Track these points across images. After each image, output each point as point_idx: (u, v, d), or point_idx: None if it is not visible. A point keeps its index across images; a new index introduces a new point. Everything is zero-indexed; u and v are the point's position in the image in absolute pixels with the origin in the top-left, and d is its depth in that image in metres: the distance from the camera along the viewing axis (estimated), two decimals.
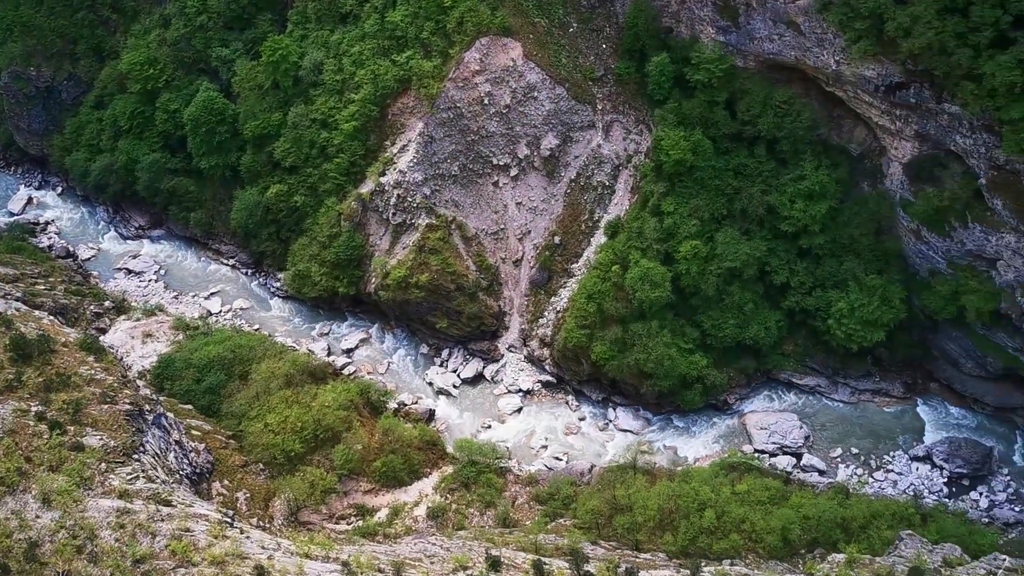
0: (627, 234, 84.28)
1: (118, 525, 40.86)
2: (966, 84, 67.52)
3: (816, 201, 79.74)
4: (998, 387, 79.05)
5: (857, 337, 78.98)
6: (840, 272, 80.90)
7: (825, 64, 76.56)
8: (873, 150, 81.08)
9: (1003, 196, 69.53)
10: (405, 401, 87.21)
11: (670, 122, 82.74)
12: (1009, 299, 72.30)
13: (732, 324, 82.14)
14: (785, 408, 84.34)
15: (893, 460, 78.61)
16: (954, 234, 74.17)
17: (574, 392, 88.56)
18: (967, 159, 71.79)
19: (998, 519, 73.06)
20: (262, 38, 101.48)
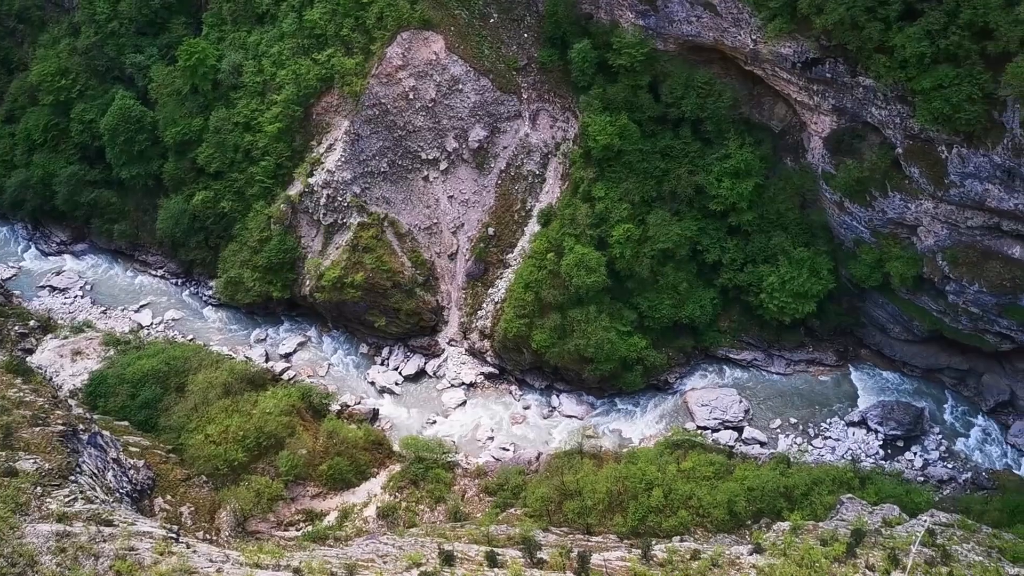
0: (560, 221, 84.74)
1: (59, 549, 39.69)
2: (878, 57, 69.37)
3: (742, 179, 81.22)
4: (925, 349, 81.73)
5: (789, 310, 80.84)
6: (769, 247, 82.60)
7: (743, 44, 77.90)
8: (794, 126, 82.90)
9: (919, 164, 71.67)
10: (348, 402, 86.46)
11: (595, 108, 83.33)
12: (930, 263, 74.67)
13: (668, 304, 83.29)
14: (724, 384, 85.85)
15: (830, 427, 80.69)
16: (875, 203, 76.24)
17: (517, 382, 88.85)
18: (883, 130, 73.82)
19: (932, 477, 75.59)
20: (177, 42, 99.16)
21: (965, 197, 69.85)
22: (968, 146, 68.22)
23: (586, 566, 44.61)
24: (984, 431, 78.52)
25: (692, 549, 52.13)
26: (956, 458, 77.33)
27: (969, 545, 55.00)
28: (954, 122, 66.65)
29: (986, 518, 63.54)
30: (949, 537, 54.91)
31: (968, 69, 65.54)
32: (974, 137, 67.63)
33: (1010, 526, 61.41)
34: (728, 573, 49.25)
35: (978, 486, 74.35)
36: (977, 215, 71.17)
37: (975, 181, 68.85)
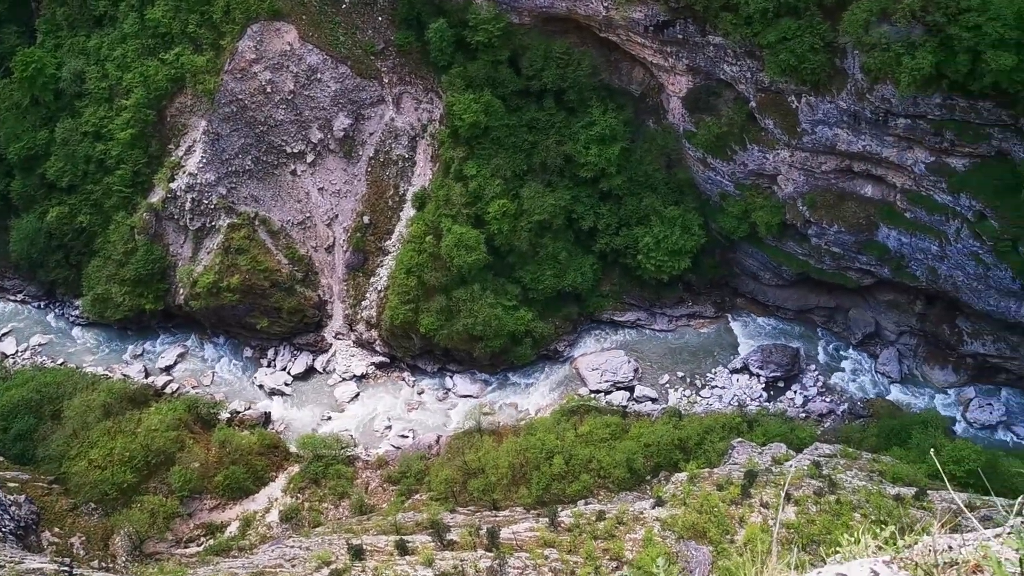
0: (435, 203, 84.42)
1: None
2: (725, 15, 71.70)
3: (608, 144, 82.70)
4: (795, 292, 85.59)
5: (666, 268, 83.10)
6: (641, 209, 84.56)
7: (595, 12, 79.05)
8: (653, 88, 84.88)
9: (772, 115, 74.66)
10: (238, 409, 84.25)
11: (458, 87, 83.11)
12: (792, 210, 78.09)
13: (550, 275, 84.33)
14: (612, 346, 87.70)
15: (715, 376, 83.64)
16: (736, 157, 79.05)
17: (409, 368, 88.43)
18: (736, 86, 76.47)
19: (813, 412, 79.48)
20: (11, 53, 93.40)
21: (817, 143, 73.22)
22: (815, 94, 71.41)
23: (496, 541, 45.03)
24: (855, 363, 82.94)
25: (597, 510, 53.32)
26: (833, 392, 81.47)
27: (852, 472, 58.24)
28: (800, 72, 69.62)
29: (865, 444, 67.40)
30: (833, 467, 57.98)
31: (808, 21, 68.52)
32: (820, 85, 70.83)
33: (887, 449, 65.26)
34: (634, 529, 50.65)
35: (855, 415, 78.60)
36: (830, 159, 74.74)
37: (825, 127, 72.20)
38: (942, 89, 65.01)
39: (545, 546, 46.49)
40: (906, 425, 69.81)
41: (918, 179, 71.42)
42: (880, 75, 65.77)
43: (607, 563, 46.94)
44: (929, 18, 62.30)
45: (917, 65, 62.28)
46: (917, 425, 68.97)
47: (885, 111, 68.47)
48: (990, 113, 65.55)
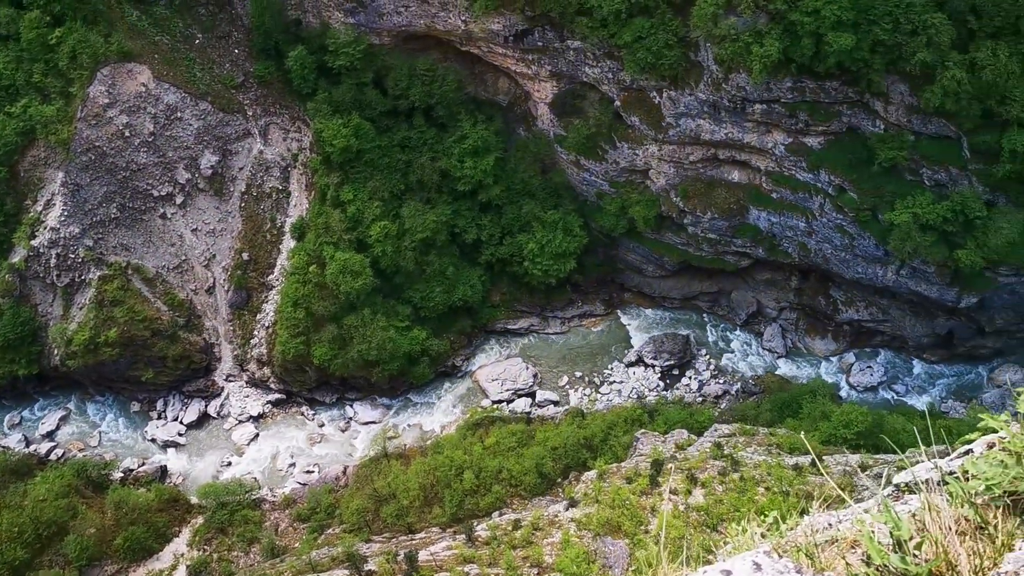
0: (315, 232, 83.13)
1: None
2: (581, 19, 73.32)
3: (482, 156, 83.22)
4: (679, 281, 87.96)
5: (553, 271, 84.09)
6: (522, 216, 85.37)
7: (454, 26, 79.56)
8: (519, 97, 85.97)
9: (637, 113, 76.70)
10: (131, 466, 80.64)
11: (325, 113, 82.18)
12: (667, 202, 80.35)
13: (439, 291, 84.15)
14: (509, 355, 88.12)
15: (613, 372, 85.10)
16: (607, 156, 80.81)
17: (307, 402, 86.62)
18: (600, 87, 78.26)
19: (709, 395, 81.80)
20: None
21: (682, 135, 75.61)
22: (675, 89, 73.78)
23: (415, 565, 44.63)
24: (743, 343, 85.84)
25: (513, 520, 53.51)
26: (725, 373, 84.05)
27: (752, 448, 60.14)
28: (659, 69, 71.78)
29: (760, 420, 69.70)
30: (734, 445, 59.74)
31: (660, 18, 70.78)
32: (679, 79, 73.25)
33: (781, 422, 67.67)
34: (550, 533, 51.02)
35: (748, 393, 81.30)
36: (696, 150, 77.29)
37: (688, 119, 74.65)
38: (792, 73, 68.20)
39: (465, 562, 46.36)
40: (796, 397, 72.58)
41: (779, 161, 74.58)
42: (733, 65, 68.49)
43: (528, 570, 47.13)
44: (772, 6, 65.30)
45: (766, 52, 65.12)
46: (806, 395, 71.81)
47: (742, 99, 71.29)
48: (837, 92, 69.11)
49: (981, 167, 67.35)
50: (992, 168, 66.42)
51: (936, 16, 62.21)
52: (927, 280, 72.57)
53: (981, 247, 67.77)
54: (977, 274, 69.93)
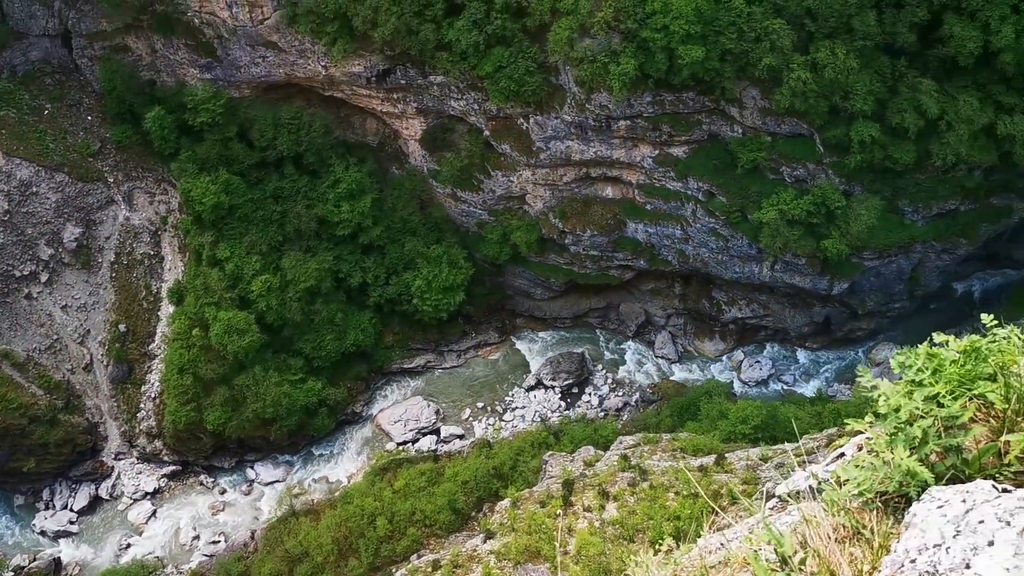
0: (194, 294, 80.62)
1: None
2: (441, 54, 73.88)
3: (358, 199, 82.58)
4: (567, 301, 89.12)
5: (443, 306, 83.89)
6: (406, 254, 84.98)
7: (315, 72, 78.99)
8: (389, 136, 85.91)
9: (507, 140, 77.70)
10: (21, 564, 75.83)
11: (191, 171, 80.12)
12: (546, 224, 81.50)
13: (330, 339, 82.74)
14: (409, 395, 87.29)
15: (514, 398, 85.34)
16: (483, 186, 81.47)
17: (205, 469, 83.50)
18: (468, 119, 78.96)
19: (610, 409, 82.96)
20: None
21: (553, 158, 76.96)
22: (541, 113, 75.11)
23: None
24: (637, 353, 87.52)
25: (431, 560, 52.80)
26: (623, 385, 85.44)
27: (657, 455, 61.18)
28: (522, 95, 72.95)
29: (662, 427, 71.03)
30: (640, 455, 60.67)
31: (518, 47, 72.02)
32: (543, 104, 74.61)
33: (682, 426, 69.14)
34: (471, 568, 50.52)
35: (647, 402, 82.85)
36: (568, 170, 78.77)
37: (557, 142, 76.05)
38: (650, 88, 70.43)
39: None
40: (693, 399, 74.39)
41: (649, 173, 76.76)
42: (593, 85, 70.23)
43: None
44: (623, 26, 67.38)
45: (623, 70, 67.06)
46: (702, 397, 73.68)
47: (606, 117, 73.15)
48: (695, 102, 71.74)
49: (835, 160, 70.93)
50: (845, 160, 70.03)
51: (776, 22, 65.44)
52: (800, 272, 75.78)
53: (845, 235, 71.21)
54: (844, 261, 73.42)
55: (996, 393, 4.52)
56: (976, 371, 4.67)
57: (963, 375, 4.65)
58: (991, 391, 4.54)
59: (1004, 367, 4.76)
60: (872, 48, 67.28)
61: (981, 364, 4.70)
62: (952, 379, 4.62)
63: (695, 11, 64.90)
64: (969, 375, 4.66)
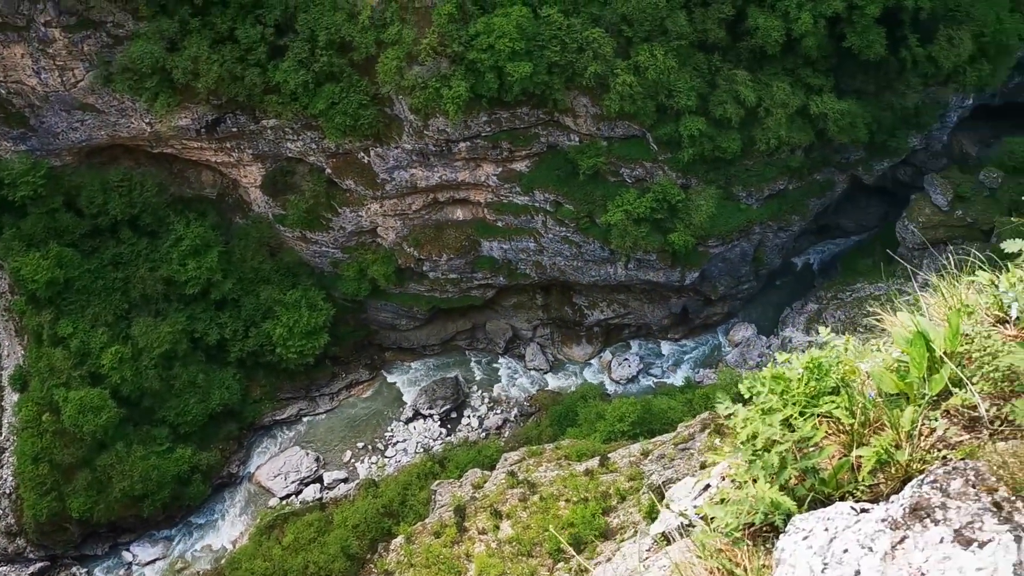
0: (39, 378, 75.76)
1: None
2: (270, 98, 72.56)
3: (204, 254, 79.76)
4: (434, 327, 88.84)
5: (307, 351, 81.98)
6: (262, 303, 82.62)
7: (140, 130, 75.99)
8: (228, 186, 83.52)
9: (350, 176, 77.03)
10: None
11: (18, 249, 75.42)
12: (402, 254, 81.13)
13: (195, 402, 79.45)
14: (286, 446, 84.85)
15: (394, 432, 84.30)
16: (332, 224, 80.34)
17: (76, 560, 78.42)
18: (307, 159, 77.80)
19: (491, 428, 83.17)
20: None
21: (400, 188, 76.79)
22: (381, 145, 74.88)
23: None
24: (509, 369, 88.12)
25: None
26: (500, 402, 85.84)
27: (543, 467, 61.75)
28: (359, 129, 72.55)
29: (544, 437, 71.84)
30: (526, 469, 61.10)
31: (348, 81, 71.65)
32: (382, 136, 74.42)
33: (563, 433, 70.11)
34: None
35: (526, 415, 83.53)
36: (416, 198, 78.76)
37: (400, 171, 75.94)
38: (484, 108, 71.39)
39: None
40: (570, 406, 75.59)
41: (496, 191, 77.72)
42: (429, 111, 70.56)
43: None
44: (449, 50, 68.13)
45: (455, 94, 67.74)
46: (578, 402, 74.99)
47: (445, 141, 73.61)
48: (530, 116, 73.23)
49: (669, 156, 73.83)
50: (678, 155, 73.01)
51: (595, 32, 67.68)
52: (652, 267, 78.33)
53: (688, 226, 74.20)
54: (692, 251, 76.42)
55: (841, 408, 4.80)
56: (821, 387, 4.95)
57: (809, 393, 4.92)
58: (836, 407, 4.82)
59: (845, 380, 5.06)
60: (687, 47, 70.56)
61: (825, 379, 4.99)
62: (799, 399, 4.87)
63: (517, 28, 66.32)
64: (814, 392, 4.93)
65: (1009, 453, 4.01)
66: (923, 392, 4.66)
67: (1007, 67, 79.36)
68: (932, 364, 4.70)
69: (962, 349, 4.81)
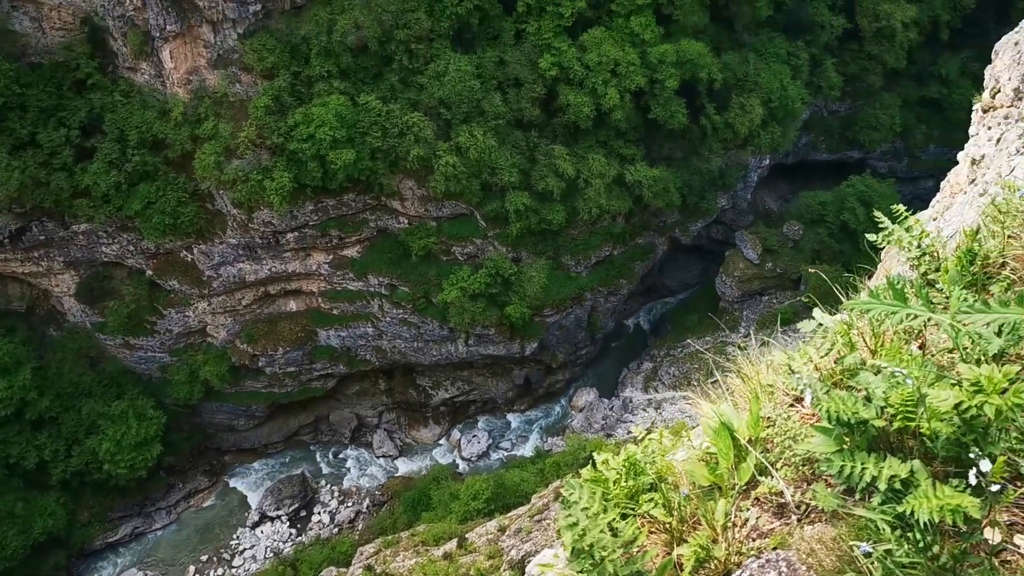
0: None
1: None
2: (81, 201, 69.21)
3: (15, 373, 73.75)
4: (275, 424, 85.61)
5: (139, 463, 76.91)
6: (84, 419, 77.13)
7: None
8: (38, 297, 78.32)
9: (174, 276, 74.08)
10: None
11: None
12: (235, 352, 78.22)
13: (13, 534, 72.53)
14: (123, 570, 78.78)
15: (240, 540, 79.95)
16: (158, 327, 76.63)
17: None
18: (125, 261, 74.28)
19: (343, 522, 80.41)
20: None
21: (228, 284, 74.41)
22: (204, 242, 72.56)
23: None
24: (357, 459, 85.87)
25: None
26: (351, 495, 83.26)
27: (401, 556, 60.14)
28: (180, 228, 70.17)
29: (399, 525, 70.14)
30: (383, 561, 59.28)
31: (164, 179, 69.42)
32: (205, 232, 72.17)
33: (418, 518, 68.71)
34: None
35: (379, 505, 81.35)
36: (247, 293, 76.52)
37: (227, 267, 73.70)
38: (309, 196, 70.75)
39: None
40: (423, 490, 74.31)
41: (329, 279, 76.70)
42: (252, 204, 69.25)
43: None
44: (269, 142, 67.39)
45: (279, 185, 66.91)
46: (431, 485, 73.85)
47: (273, 232, 72.26)
48: (356, 202, 73.13)
49: (498, 231, 75.30)
50: (506, 230, 74.60)
51: (414, 116, 68.78)
52: (492, 342, 78.98)
53: (523, 299, 75.56)
54: (529, 323, 77.71)
55: (658, 507, 4.90)
56: (639, 484, 5.04)
57: (628, 492, 5.00)
58: (653, 506, 4.91)
59: (661, 475, 5.18)
60: (505, 125, 72.79)
61: (641, 476, 5.08)
62: (620, 500, 4.94)
63: (336, 117, 66.50)
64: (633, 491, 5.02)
65: (816, 539, 4.19)
66: (733, 483, 4.82)
67: (795, 129, 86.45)
68: (739, 452, 4.88)
69: (765, 434, 5.03)
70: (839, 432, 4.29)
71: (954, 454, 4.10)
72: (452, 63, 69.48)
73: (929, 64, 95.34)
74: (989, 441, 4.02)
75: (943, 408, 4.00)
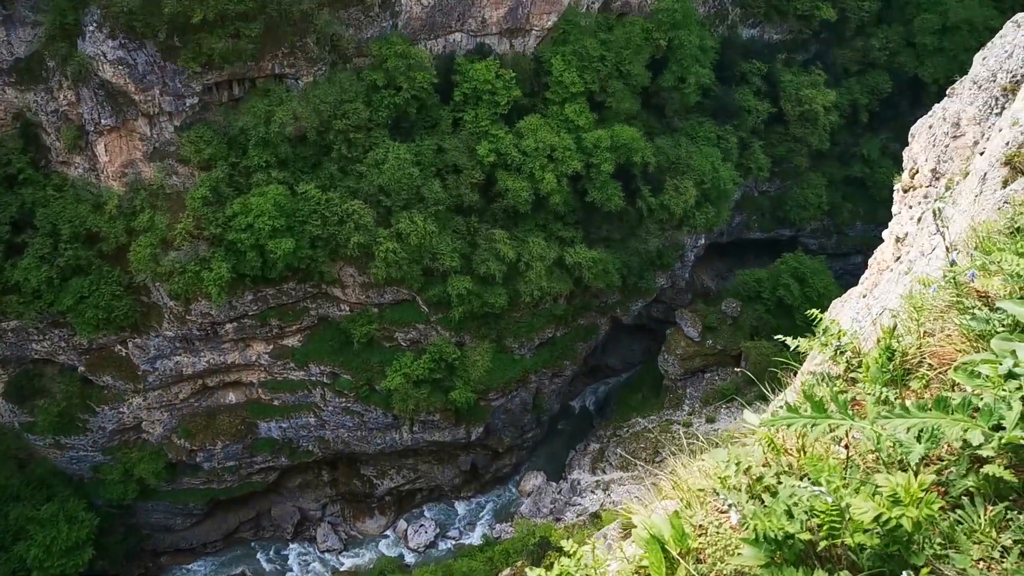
0: None
1: None
2: (9, 298, 67.48)
3: None
4: (214, 522, 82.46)
5: (69, 570, 73.17)
6: (11, 524, 73.34)
7: None
8: None
9: (107, 371, 72.17)
10: None
11: None
12: (172, 447, 75.89)
13: None
14: None
15: None
16: (90, 425, 74.16)
17: None
18: (56, 358, 72.22)
19: None
20: None
21: (164, 378, 72.65)
22: (140, 335, 71.01)
23: None
24: (301, 555, 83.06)
25: None
26: None
27: None
28: (114, 322, 68.71)
29: None
30: None
31: (98, 273, 68.17)
32: (140, 326, 70.69)
33: None
34: None
35: None
36: (183, 386, 74.72)
37: (164, 360, 72.06)
38: (248, 286, 69.98)
39: None
40: None
41: (269, 369, 75.42)
42: (189, 295, 68.18)
43: None
44: (207, 232, 66.80)
45: (217, 275, 66.12)
46: None
47: (211, 324, 71.09)
48: (297, 291, 72.55)
49: (440, 316, 75.13)
50: (449, 315, 74.45)
51: (354, 203, 68.93)
52: (437, 428, 78.02)
53: (468, 383, 75.04)
54: (474, 407, 77.04)
55: None
56: None
57: None
58: None
59: None
60: (445, 211, 73.36)
61: None
62: None
63: (275, 206, 66.33)
64: None
65: None
66: None
67: (728, 209, 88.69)
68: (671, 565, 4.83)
69: (698, 544, 4.99)
70: (767, 547, 4.27)
71: (878, 567, 4.11)
72: (391, 151, 70.16)
73: (851, 145, 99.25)
74: (912, 551, 4.05)
75: (865, 521, 4.02)
